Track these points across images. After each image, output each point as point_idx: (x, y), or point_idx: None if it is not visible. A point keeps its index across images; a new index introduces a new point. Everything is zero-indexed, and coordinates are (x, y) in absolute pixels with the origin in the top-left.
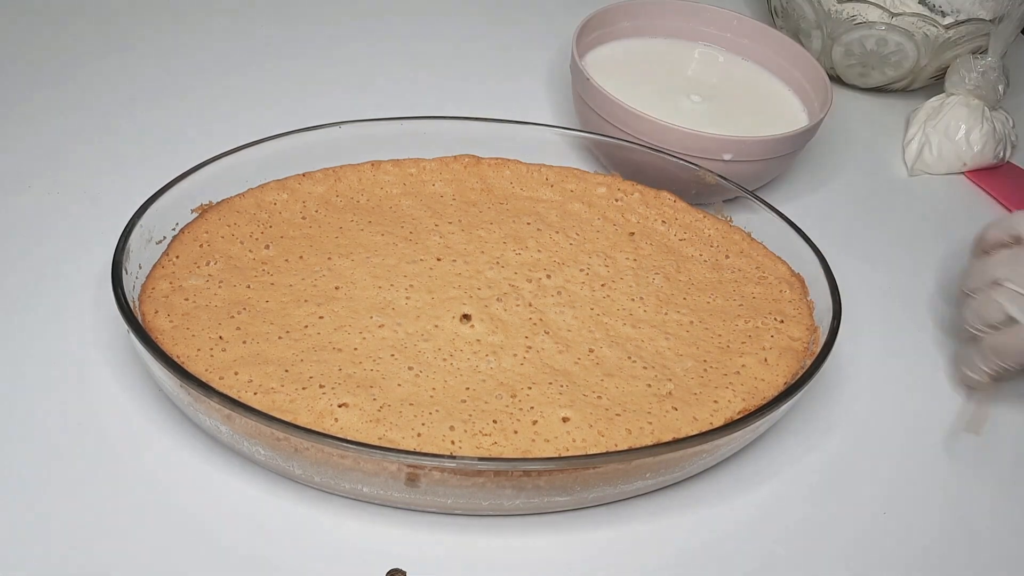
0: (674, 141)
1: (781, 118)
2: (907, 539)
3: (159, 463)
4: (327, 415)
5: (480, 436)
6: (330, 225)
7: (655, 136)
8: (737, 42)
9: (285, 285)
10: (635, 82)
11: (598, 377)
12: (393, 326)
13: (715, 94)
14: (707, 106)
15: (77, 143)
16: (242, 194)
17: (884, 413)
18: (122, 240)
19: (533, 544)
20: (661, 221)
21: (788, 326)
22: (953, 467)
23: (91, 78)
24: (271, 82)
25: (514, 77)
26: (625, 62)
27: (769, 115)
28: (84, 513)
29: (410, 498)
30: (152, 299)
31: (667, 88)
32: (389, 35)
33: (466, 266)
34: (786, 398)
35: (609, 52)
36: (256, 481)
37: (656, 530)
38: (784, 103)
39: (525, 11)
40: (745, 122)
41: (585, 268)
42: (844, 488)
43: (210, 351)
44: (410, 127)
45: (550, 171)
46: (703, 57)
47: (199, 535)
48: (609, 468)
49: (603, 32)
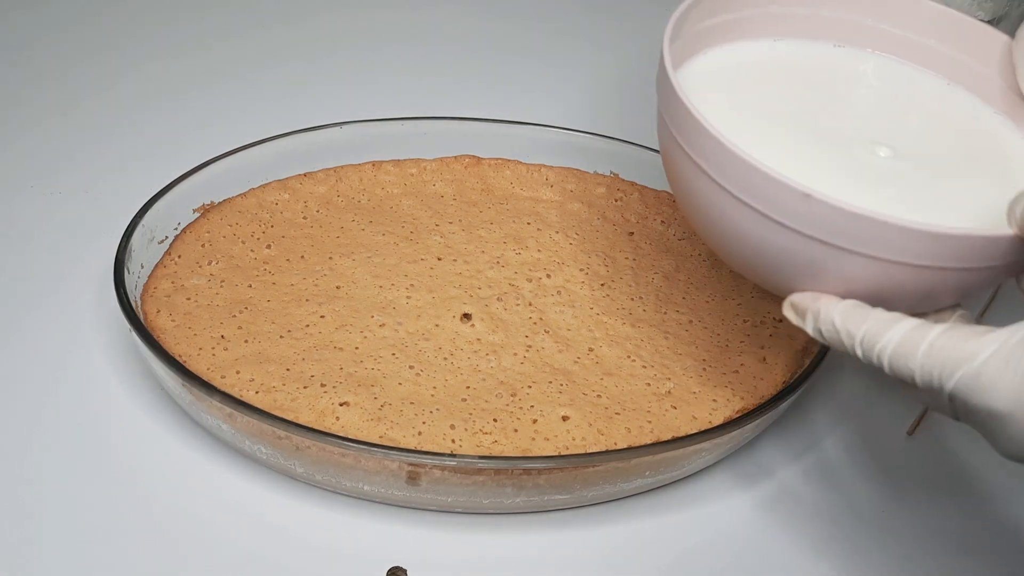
0: (917, 248)
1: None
2: (907, 538)
3: (161, 462)
4: (328, 414)
5: (480, 435)
6: (331, 225)
7: (851, 234)
8: (930, 47)
9: (286, 284)
10: (770, 118)
11: (598, 376)
12: (394, 325)
13: (911, 141)
14: (906, 164)
15: (79, 143)
16: (244, 194)
17: (884, 412)
18: (124, 240)
19: (533, 542)
20: (661, 221)
21: (787, 325)
22: (953, 466)
23: (93, 78)
24: (273, 82)
25: (514, 77)
26: (746, 81)
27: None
28: (85, 512)
29: (411, 496)
30: (154, 298)
31: (831, 133)
32: (390, 35)
33: (466, 266)
34: (785, 397)
35: (719, 63)
36: (257, 480)
37: (656, 529)
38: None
39: (526, 10)
40: (975, 194)
41: (585, 268)
42: (844, 487)
43: (212, 350)
44: (411, 127)
45: (550, 171)
46: (879, 73)
47: (201, 533)
48: (609, 467)
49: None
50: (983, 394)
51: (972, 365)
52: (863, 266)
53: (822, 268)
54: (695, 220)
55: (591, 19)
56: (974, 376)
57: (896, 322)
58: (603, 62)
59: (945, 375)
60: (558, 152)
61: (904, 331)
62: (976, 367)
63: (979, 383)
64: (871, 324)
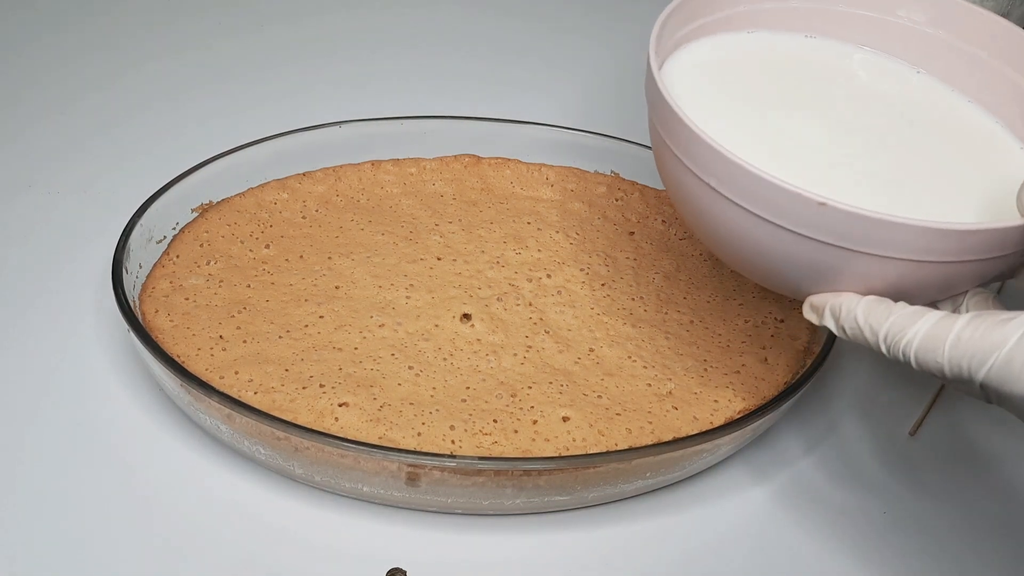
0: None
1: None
2: (908, 538)
3: (159, 462)
4: (327, 414)
5: (480, 435)
6: (330, 225)
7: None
8: (921, 33)
9: (285, 284)
10: (760, 109)
11: (598, 376)
12: (393, 325)
13: (891, 135)
14: (881, 161)
15: (77, 142)
16: (242, 193)
17: (884, 412)
18: (122, 239)
19: (533, 543)
20: (662, 220)
21: (788, 325)
22: (954, 465)
23: (91, 77)
24: (271, 81)
25: (514, 76)
26: (731, 73)
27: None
28: (84, 512)
29: (410, 497)
30: (152, 298)
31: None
32: (390, 35)
33: (466, 265)
34: (786, 398)
35: (706, 56)
36: (256, 480)
37: (656, 530)
38: (993, 145)
39: (526, 9)
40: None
41: (585, 267)
42: (844, 487)
43: (210, 350)
44: (410, 127)
45: (550, 170)
46: (865, 68)
47: (199, 534)
48: (609, 467)
49: (697, 24)
50: (1016, 382)
51: (1001, 353)
52: (880, 266)
53: (839, 271)
54: (696, 227)
55: (591, 18)
56: (1005, 364)
57: (920, 316)
58: (604, 61)
59: (975, 366)
60: (558, 151)
61: (929, 325)
62: (1005, 354)
63: (1011, 370)
64: (894, 320)
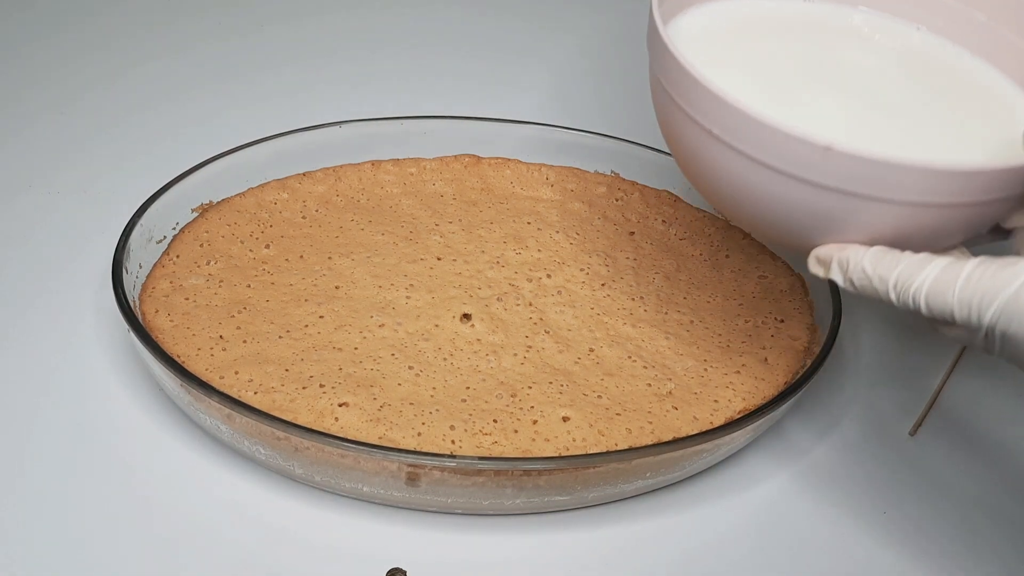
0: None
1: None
2: (908, 538)
3: (159, 462)
4: (327, 414)
5: (480, 435)
6: (330, 225)
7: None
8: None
9: (285, 284)
10: (764, 71)
11: (598, 376)
12: (393, 325)
13: (895, 89)
14: (886, 112)
15: (77, 142)
16: (242, 193)
17: (884, 412)
18: (122, 239)
19: (533, 543)
20: (661, 220)
21: (788, 325)
22: (954, 465)
23: (91, 77)
24: (271, 81)
25: (514, 76)
26: (733, 36)
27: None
28: (83, 512)
29: (410, 497)
30: (152, 298)
31: (820, 81)
32: (389, 35)
33: (466, 265)
34: (786, 398)
35: (708, 22)
36: (256, 480)
37: (656, 530)
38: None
39: (526, 9)
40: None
41: (585, 267)
42: (844, 488)
43: (210, 350)
44: (410, 126)
45: (550, 170)
46: (867, 25)
47: (199, 534)
48: (609, 468)
49: None
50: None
51: (1009, 290)
52: (886, 212)
53: (845, 219)
54: (701, 182)
55: (592, 18)
56: (1013, 300)
57: (928, 262)
58: (604, 61)
59: (984, 304)
60: (558, 151)
61: (938, 270)
62: (1014, 291)
63: (1018, 306)
64: (903, 267)
